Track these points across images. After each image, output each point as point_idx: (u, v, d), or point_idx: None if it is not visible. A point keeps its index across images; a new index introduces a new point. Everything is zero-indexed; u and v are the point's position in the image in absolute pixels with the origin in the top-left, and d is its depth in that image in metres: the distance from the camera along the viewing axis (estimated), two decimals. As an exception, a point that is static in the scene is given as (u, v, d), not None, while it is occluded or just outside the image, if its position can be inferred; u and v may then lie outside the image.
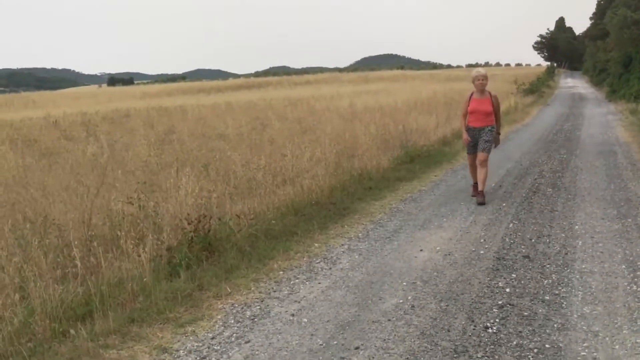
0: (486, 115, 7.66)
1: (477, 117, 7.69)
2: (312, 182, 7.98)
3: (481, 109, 7.67)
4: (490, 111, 7.67)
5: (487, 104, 7.67)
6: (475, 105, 7.70)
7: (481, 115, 7.67)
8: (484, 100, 7.70)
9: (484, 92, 7.76)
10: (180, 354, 3.56)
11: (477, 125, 7.69)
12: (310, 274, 4.98)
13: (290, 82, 64.55)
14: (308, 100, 26.22)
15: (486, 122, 7.67)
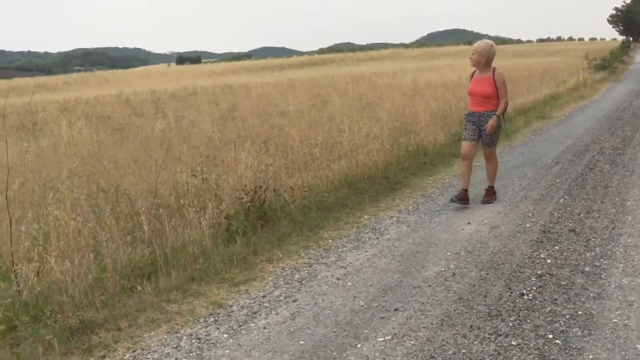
0: (485, 98, 6.28)
1: (475, 100, 6.41)
2: (366, 157, 8.19)
3: (479, 91, 6.32)
4: (490, 93, 6.25)
5: (486, 85, 6.27)
6: (473, 85, 6.41)
7: (478, 98, 6.34)
8: (484, 80, 6.31)
9: (486, 70, 6.34)
10: (234, 309, 3.91)
11: (476, 110, 6.37)
12: (358, 243, 5.24)
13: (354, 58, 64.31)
14: (370, 77, 26.20)
15: (486, 107, 6.30)
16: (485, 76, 6.32)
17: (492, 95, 6.25)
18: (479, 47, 6.30)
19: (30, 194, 6.31)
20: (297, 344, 3.40)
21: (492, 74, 6.28)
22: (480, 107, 6.32)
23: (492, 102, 6.27)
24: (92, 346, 3.41)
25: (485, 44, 6.32)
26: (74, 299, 3.91)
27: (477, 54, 6.29)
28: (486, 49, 6.27)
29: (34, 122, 15.04)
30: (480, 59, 6.27)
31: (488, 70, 6.33)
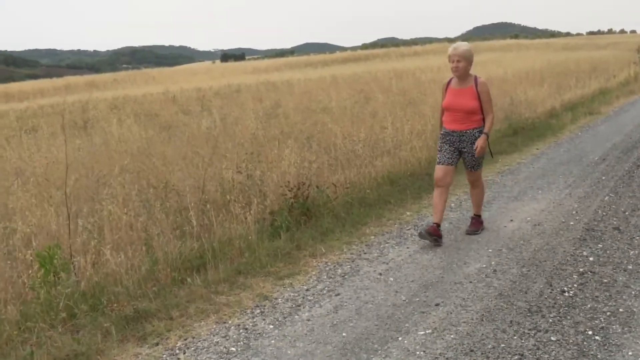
0: (467, 114, 5.14)
1: (453, 116, 5.22)
2: (409, 154, 8.24)
3: (458, 105, 5.16)
4: (473, 108, 5.11)
5: (467, 98, 5.13)
6: (451, 98, 5.23)
7: (459, 114, 5.18)
8: (464, 92, 5.15)
9: (467, 79, 5.19)
10: (279, 302, 4.06)
11: (456, 128, 5.21)
12: (400, 239, 5.32)
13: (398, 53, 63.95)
14: (414, 72, 26.06)
15: (468, 124, 5.16)
16: (466, 87, 5.16)
17: (476, 110, 5.12)
18: (464, 52, 5.08)
19: (85, 190, 6.60)
20: (340, 336, 3.52)
21: (474, 84, 5.14)
22: (460, 124, 5.17)
23: (475, 118, 5.15)
24: (146, 334, 3.61)
25: (468, 46, 5.22)
26: (128, 290, 4.12)
27: (463, 60, 5.07)
28: (471, 53, 5.14)
29: (85, 119, 15.61)
30: (468, 67, 5.12)
31: (469, 80, 5.18)
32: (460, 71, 5.12)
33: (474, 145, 5.15)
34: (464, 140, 5.20)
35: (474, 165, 5.35)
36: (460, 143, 5.23)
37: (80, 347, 3.37)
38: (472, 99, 5.13)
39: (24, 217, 5.38)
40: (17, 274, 4.40)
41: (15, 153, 9.14)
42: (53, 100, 27.75)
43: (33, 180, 7.08)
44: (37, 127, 13.30)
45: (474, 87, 5.14)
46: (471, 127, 5.17)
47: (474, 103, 5.12)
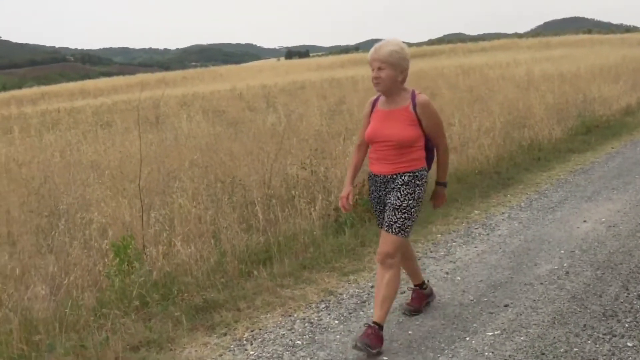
0: (400, 149, 3.37)
1: (378, 152, 3.46)
2: (477, 152, 8.06)
3: (386, 134, 3.39)
4: (410, 138, 3.36)
5: (400, 123, 3.38)
6: (376, 125, 3.46)
7: (387, 149, 3.40)
8: (395, 115, 3.40)
9: (399, 96, 3.42)
10: (344, 297, 4.07)
11: (380, 171, 3.47)
12: (468, 239, 5.21)
13: (465, 49, 62.69)
14: (481, 68, 25.48)
15: (401, 164, 3.39)
16: (398, 107, 3.39)
17: (413, 141, 3.37)
18: (388, 54, 3.30)
19: (156, 183, 6.82)
20: (406, 334, 3.49)
21: (410, 102, 3.38)
22: (389, 164, 3.39)
23: (414, 153, 3.39)
24: (214, 324, 3.69)
25: (396, 45, 3.34)
26: (197, 280, 4.23)
27: (388, 67, 3.31)
28: (402, 56, 3.33)
29: (157, 115, 16.11)
30: (395, 77, 3.33)
31: (402, 97, 3.41)
32: (383, 84, 3.32)
33: (400, 195, 3.33)
34: (390, 189, 3.41)
35: (392, 222, 3.37)
36: (386, 192, 3.44)
37: (152, 335, 3.49)
38: (407, 125, 3.34)
39: (99, 208, 5.62)
40: (93, 263, 4.60)
41: (91, 147, 9.55)
42: (126, 96, 28.82)
43: (108, 173, 7.39)
44: (112, 123, 13.84)
45: (411, 108, 3.35)
46: (405, 168, 3.35)
47: (410, 131, 3.33)
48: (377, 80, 3.36)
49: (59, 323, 3.49)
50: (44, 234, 5.50)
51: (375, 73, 3.36)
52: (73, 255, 4.64)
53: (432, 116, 3.43)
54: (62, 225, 5.10)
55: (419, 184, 3.40)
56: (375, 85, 3.39)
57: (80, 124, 14.62)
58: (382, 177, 3.47)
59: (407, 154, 3.38)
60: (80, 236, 5.06)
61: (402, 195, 3.36)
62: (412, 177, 3.38)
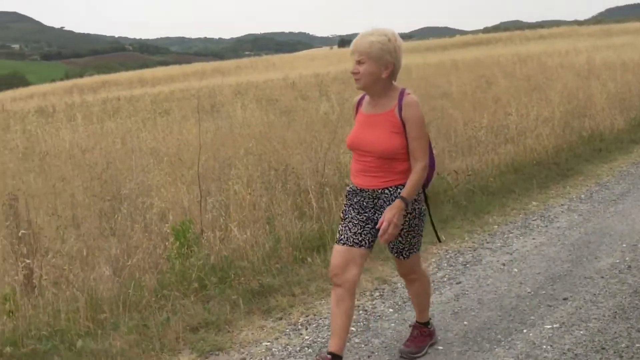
0: (384, 161, 2.88)
1: (362, 162, 2.95)
2: (535, 142, 7.88)
3: (368, 143, 2.90)
4: (394, 148, 2.85)
5: (384, 130, 2.86)
6: (357, 131, 2.98)
7: (369, 160, 2.91)
8: (379, 120, 2.89)
9: (385, 96, 2.89)
10: (398, 286, 4.06)
11: (365, 185, 2.94)
12: (525, 230, 5.12)
13: (522, 37, 61.00)
14: (539, 57, 24.74)
15: (388, 177, 2.90)
16: (383, 110, 2.87)
17: (400, 151, 2.84)
18: (371, 46, 2.78)
19: (212, 170, 6.95)
20: (461, 324, 3.47)
21: (397, 104, 2.84)
22: (374, 178, 2.90)
23: (402, 165, 2.87)
24: (270, 308, 3.76)
25: (381, 35, 2.80)
26: (253, 265, 4.31)
27: (370, 60, 2.79)
28: (386, 48, 2.78)
29: (212, 104, 16.40)
30: (377, 73, 2.80)
31: (389, 98, 2.87)
32: (362, 80, 2.82)
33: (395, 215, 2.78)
34: (379, 206, 2.91)
35: (401, 249, 3.00)
36: (374, 210, 2.93)
37: (211, 317, 3.58)
38: (391, 134, 2.81)
39: (159, 193, 5.79)
40: (153, 246, 4.75)
41: (150, 134, 9.82)
42: (182, 85, 29.42)
43: (166, 160, 7.58)
44: (169, 111, 14.16)
45: (396, 112, 2.82)
46: (394, 182, 2.87)
47: (394, 141, 2.81)
48: (356, 76, 2.84)
49: (123, 303, 3.63)
50: (106, 217, 5.71)
51: (355, 67, 2.83)
52: (134, 238, 4.80)
53: (415, 122, 2.79)
54: (125, 210, 5.27)
55: (417, 199, 2.90)
56: (355, 81, 2.87)
57: (140, 112, 15.01)
58: (368, 192, 2.90)
59: (394, 166, 2.85)
60: (140, 220, 5.23)
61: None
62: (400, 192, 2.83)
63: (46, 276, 3.92)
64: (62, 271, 4.04)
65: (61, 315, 3.49)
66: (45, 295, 3.75)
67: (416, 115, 2.82)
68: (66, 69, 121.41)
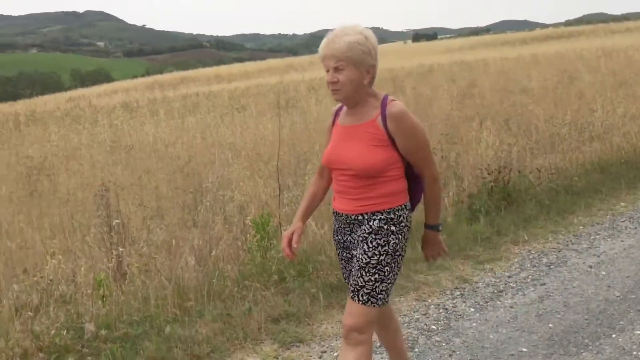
0: (364, 180, 2.34)
1: (339, 183, 2.43)
2: (623, 140, 7.51)
3: (345, 159, 2.36)
4: (377, 165, 2.31)
5: (362, 145, 2.34)
6: (333, 147, 2.44)
7: (347, 179, 2.38)
8: (359, 132, 2.36)
9: (365, 104, 2.37)
10: (479, 286, 4.00)
11: (343, 209, 2.43)
12: (613, 232, 4.90)
13: (607, 30, 58.24)
14: (626, 50, 23.57)
15: (367, 202, 2.35)
16: (363, 121, 2.38)
17: (384, 167, 2.34)
18: (351, 47, 2.29)
19: (287, 165, 7.06)
20: (546, 327, 3.37)
21: (379, 112, 2.35)
22: (352, 201, 2.39)
23: (387, 186, 2.36)
24: (349, 303, 3.78)
25: (359, 35, 2.32)
26: (331, 259, 4.34)
27: (349, 65, 2.30)
28: (366, 48, 2.32)
29: (286, 100, 16.62)
30: (360, 79, 2.33)
31: (370, 106, 2.39)
32: (344, 90, 2.33)
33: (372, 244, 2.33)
34: (355, 234, 2.41)
35: (358, 286, 2.35)
36: (351, 237, 2.45)
37: (291, 309, 3.65)
38: (373, 147, 2.33)
39: (238, 187, 5.94)
40: (233, 238, 4.88)
41: (228, 129, 10.08)
42: (257, 81, 29.97)
43: (244, 154, 7.76)
44: (246, 106, 14.47)
45: (379, 121, 2.34)
46: (374, 207, 2.35)
47: (376, 155, 2.32)
48: (336, 86, 2.31)
49: (207, 292, 3.76)
50: (188, 209, 5.92)
51: (331, 75, 2.30)
52: (215, 230, 4.95)
53: (409, 133, 2.31)
54: (208, 202, 5.43)
55: (396, 231, 2.33)
56: (333, 93, 2.34)
57: (217, 108, 15.43)
58: (344, 217, 2.42)
59: (376, 187, 2.33)
60: (221, 212, 5.38)
61: (371, 247, 2.31)
62: (386, 220, 2.32)
63: (136, 264, 4.10)
64: (150, 260, 4.22)
65: (150, 302, 3.65)
66: (135, 282, 3.93)
67: (407, 124, 2.32)
68: (147, 66, 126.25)
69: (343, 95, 2.35)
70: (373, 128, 2.34)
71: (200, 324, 3.45)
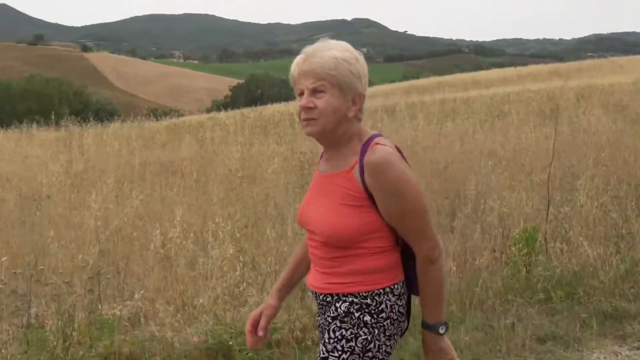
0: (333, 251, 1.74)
1: (310, 250, 1.84)
2: None
3: (311, 222, 1.80)
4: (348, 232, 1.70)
5: (331, 203, 1.74)
6: (308, 200, 1.86)
7: (315, 245, 1.80)
8: (331, 183, 1.77)
9: (348, 146, 1.76)
10: None
11: (311, 284, 1.84)
12: None
13: None
14: None
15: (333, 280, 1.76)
16: (340, 169, 1.77)
17: (355, 235, 1.72)
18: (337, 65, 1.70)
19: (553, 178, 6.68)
20: None
21: (358, 159, 1.73)
22: (320, 272, 1.81)
23: (363, 260, 1.73)
24: (625, 334, 3.47)
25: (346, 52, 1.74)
26: (604, 285, 4.01)
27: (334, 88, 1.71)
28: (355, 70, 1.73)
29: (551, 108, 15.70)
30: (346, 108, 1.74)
31: (351, 148, 1.77)
32: (320, 121, 1.73)
33: (329, 336, 1.77)
34: (323, 321, 1.84)
35: None
36: (323, 320, 1.84)
37: (558, 331, 3.47)
38: (344, 207, 1.74)
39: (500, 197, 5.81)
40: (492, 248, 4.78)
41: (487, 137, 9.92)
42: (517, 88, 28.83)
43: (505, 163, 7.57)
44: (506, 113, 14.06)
45: (355, 172, 1.74)
46: (344, 287, 1.76)
47: (348, 217, 1.73)
48: (311, 113, 1.73)
49: (469, 300, 3.76)
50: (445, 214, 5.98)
51: (306, 99, 1.73)
52: (474, 238, 4.92)
53: (391, 191, 1.69)
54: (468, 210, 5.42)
55: (371, 323, 1.72)
56: (306, 124, 1.75)
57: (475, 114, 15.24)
58: (315, 295, 1.86)
59: (348, 261, 1.74)
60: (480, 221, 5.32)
61: (332, 339, 1.75)
62: (359, 306, 1.73)
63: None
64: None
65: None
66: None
67: (389, 179, 1.67)
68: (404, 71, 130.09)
69: (319, 128, 1.72)
70: (347, 181, 1.71)
71: (461, 330, 3.47)
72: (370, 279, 1.71)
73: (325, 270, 1.76)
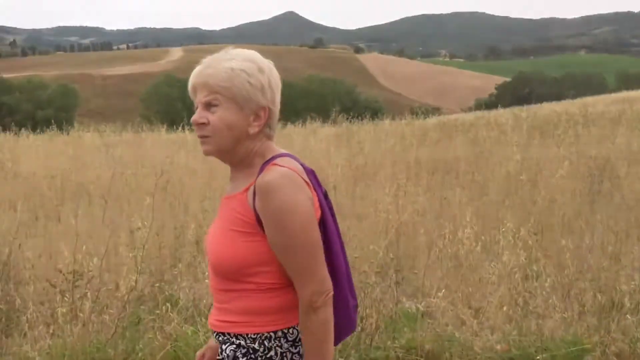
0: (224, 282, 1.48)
1: (211, 281, 1.52)
2: None
3: (208, 248, 1.53)
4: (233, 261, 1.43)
5: (221, 227, 1.50)
6: (210, 227, 1.54)
7: (211, 277, 1.51)
8: (226, 206, 1.51)
9: (250, 167, 1.49)
10: None
11: (210, 322, 1.53)
12: None
13: None
14: None
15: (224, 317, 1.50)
16: (236, 192, 1.52)
17: (243, 264, 1.45)
18: (232, 76, 1.44)
19: None
20: None
21: (254, 182, 1.46)
22: (214, 310, 1.56)
23: (252, 299, 1.47)
24: None
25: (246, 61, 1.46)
26: None
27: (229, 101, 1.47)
28: (254, 81, 1.46)
29: None
30: (245, 124, 1.50)
31: (252, 168, 1.51)
32: (216, 139, 1.55)
33: None
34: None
35: None
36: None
37: None
38: (233, 233, 1.52)
39: None
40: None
41: None
42: None
43: None
44: None
45: (248, 195, 1.51)
46: (231, 327, 1.55)
47: (237, 246, 1.51)
48: (202, 130, 1.58)
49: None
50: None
51: (198, 114, 1.58)
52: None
53: (274, 220, 1.49)
54: None
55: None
56: (200, 142, 1.61)
57: None
58: (214, 335, 1.67)
59: (235, 296, 1.57)
60: None
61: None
62: (246, 350, 1.54)
63: None
64: None
65: None
66: None
67: (272, 205, 1.50)
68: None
69: (214, 147, 1.58)
70: (240, 204, 1.56)
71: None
72: (259, 321, 1.54)
73: (218, 305, 1.63)
